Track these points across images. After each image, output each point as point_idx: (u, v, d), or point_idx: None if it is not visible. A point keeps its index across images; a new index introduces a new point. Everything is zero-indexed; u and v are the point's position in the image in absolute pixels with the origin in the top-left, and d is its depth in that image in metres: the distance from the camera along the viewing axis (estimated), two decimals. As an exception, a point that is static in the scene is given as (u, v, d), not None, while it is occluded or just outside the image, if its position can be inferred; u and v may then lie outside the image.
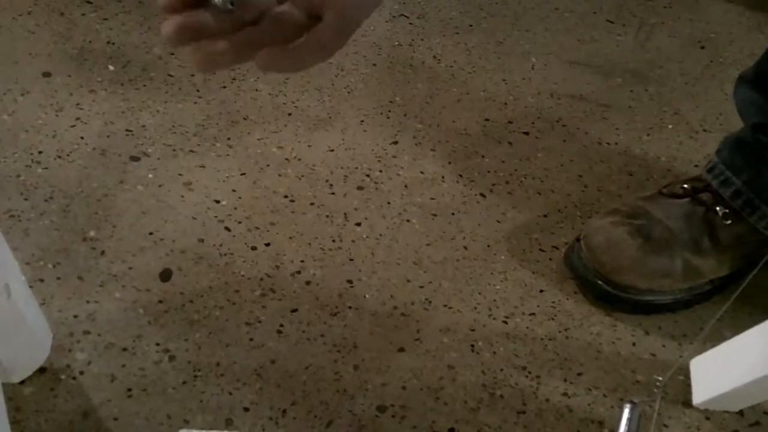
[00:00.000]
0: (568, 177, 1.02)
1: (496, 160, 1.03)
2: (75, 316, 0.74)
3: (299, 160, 0.97)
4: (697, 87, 1.20)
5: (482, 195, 0.97)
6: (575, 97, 1.18)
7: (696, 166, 1.05)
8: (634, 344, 0.81)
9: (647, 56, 1.26)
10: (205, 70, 0.39)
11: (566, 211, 0.97)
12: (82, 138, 0.95)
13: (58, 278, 0.77)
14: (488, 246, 0.90)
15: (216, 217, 0.87)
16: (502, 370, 0.76)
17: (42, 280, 0.77)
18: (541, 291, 0.85)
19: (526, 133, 1.09)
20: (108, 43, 1.12)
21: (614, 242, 0.83)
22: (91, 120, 0.98)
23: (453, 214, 0.93)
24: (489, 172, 1.01)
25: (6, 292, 0.56)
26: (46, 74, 1.04)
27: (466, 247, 0.89)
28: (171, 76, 1.08)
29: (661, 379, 0.76)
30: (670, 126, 1.15)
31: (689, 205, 0.85)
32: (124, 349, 0.72)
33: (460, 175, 0.99)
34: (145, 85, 1.05)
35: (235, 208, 0.89)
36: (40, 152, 0.91)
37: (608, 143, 1.10)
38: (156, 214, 0.86)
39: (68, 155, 0.92)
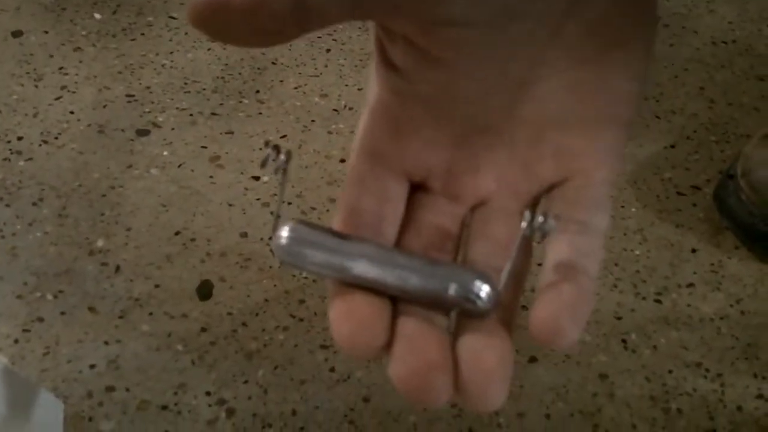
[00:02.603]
0: (688, 91, 0.81)
1: (592, 79, 0.82)
2: (92, 367, 0.55)
3: (350, 109, 0.76)
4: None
5: (586, 128, 0.76)
6: (669, -13, 0.95)
7: None
8: (827, 309, 0.61)
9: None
10: None
11: (696, 137, 0.76)
12: (71, 113, 0.74)
13: (63, 313, 0.58)
14: (612, 197, 0.69)
15: (258, 199, 0.67)
16: (670, 371, 0.56)
17: (42, 320, 0.57)
18: (694, 251, 0.65)
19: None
20: (89, -15, 0.90)
21: (789, 178, 0.62)
22: (81, 87, 0.76)
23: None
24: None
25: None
26: (17, 33, 0.82)
27: (582, 202, 0.68)
28: (173, 18, 0.86)
29: None
30: (791, 10, 0.93)
31: None
32: (165, 408, 0.53)
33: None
34: (143, 34, 0.84)
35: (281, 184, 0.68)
36: (19, 138, 0.71)
37: (724, 42, 0.88)
38: (180, 205, 0.66)
39: (56, 138, 0.71)
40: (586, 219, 0.26)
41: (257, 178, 0.69)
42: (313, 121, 0.75)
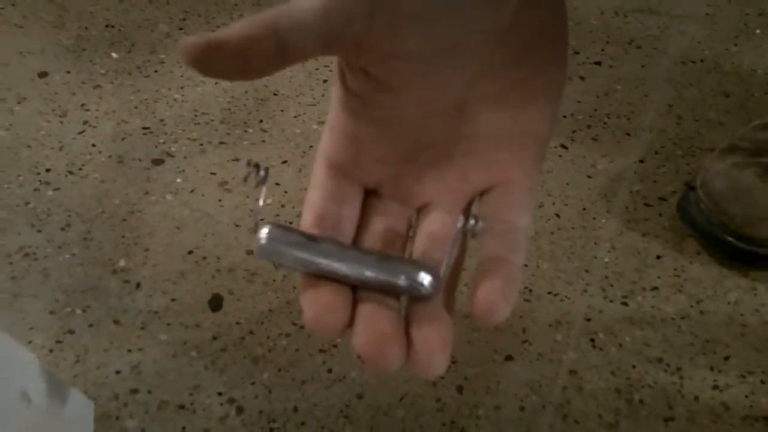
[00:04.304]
0: (657, 109, 0.87)
1: (571, 100, 0.88)
2: (117, 372, 0.62)
3: (346, 135, 0.83)
4: (788, -21, 1.04)
5: (563, 147, 0.82)
6: (644, 11, 1.02)
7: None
8: (780, 308, 0.67)
9: (722, -49, 1.09)
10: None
11: (664, 151, 0.82)
12: (93, 146, 0.81)
13: (90, 326, 0.65)
14: (584, 209, 0.75)
15: (262, 220, 0.74)
16: (634, 366, 0.63)
17: (72, 332, 0.64)
18: (659, 257, 0.71)
19: (598, 63, 0.94)
20: (106, 26, 0.98)
21: (742, 188, 0.69)
22: (101, 122, 0.84)
23: (535, 174, 0.79)
24: (565, 116, 0.86)
25: (26, 401, 0.43)
26: (42, 74, 0.90)
27: (558, 215, 0.75)
28: (183, 55, 0.93)
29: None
30: (758, 30, 0.99)
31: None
32: (182, 407, 0.60)
33: (534, 126, 0.84)
34: (156, 71, 0.91)
35: (283, 206, 0.75)
36: (47, 170, 0.78)
37: (693, 61, 0.94)
38: (192, 227, 0.73)
39: (80, 169, 0.78)
40: (512, 219, 0.32)
41: (262, 201, 0.76)
42: (311, 146, 0.82)
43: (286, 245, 0.29)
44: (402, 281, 0.29)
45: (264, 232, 0.30)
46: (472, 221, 0.29)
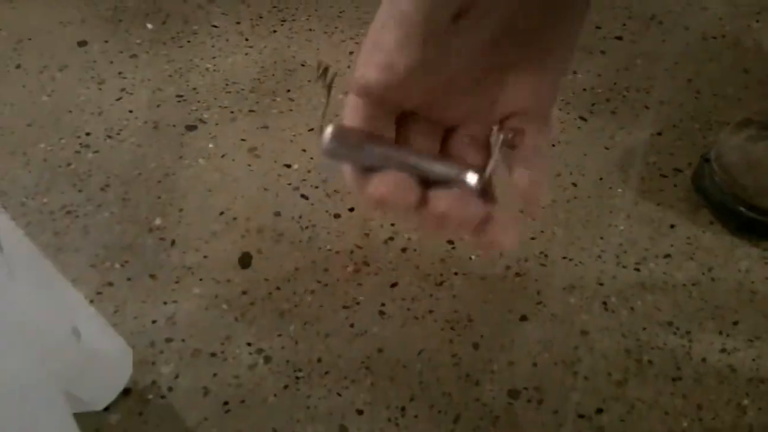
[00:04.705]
0: (676, 84, 0.89)
1: (591, 74, 0.91)
2: (153, 322, 0.65)
3: (372, 105, 0.86)
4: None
5: (582, 118, 0.85)
6: (668, -13, 1.03)
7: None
8: (789, 277, 0.69)
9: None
10: None
11: (682, 125, 0.84)
12: (130, 112, 0.85)
13: (129, 279, 0.69)
14: (600, 179, 0.78)
15: (290, 184, 0.77)
16: (644, 329, 0.65)
17: (111, 284, 0.68)
18: (672, 226, 0.74)
19: (619, 38, 0.96)
20: (142, -3, 1.01)
21: (755, 161, 0.71)
22: (137, 89, 0.88)
23: (553, 146, 0.81)
24: (585, 90, 0.88)
25: (76, 336, 0.47)
26: (82, 43, 0.94)
27: (575, 184, 0.77)
28: (215, 27, 0.97)
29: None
30: (783, 8, 1.00)
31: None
32: (213, 355, 0.63)
33: (555, 99, 0.87)
34: (189, 41, 0.94)
35: (309, 171, 0.78)
36: (87, 134, 0.82)
37: (714, 37, 0.95)
38: (223, 189, 0.77)
39: (118, 134, 0.82)
40: (534, 142, 0.35)
41: (289, 166, 0.79)
42: (337, 115, 0.84)
43: (351, 143, 0.31)
44: (456, 174, 0.32)
45: (329, 131, 0.31)
46: (503, 133, 0.32)
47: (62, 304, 0.48)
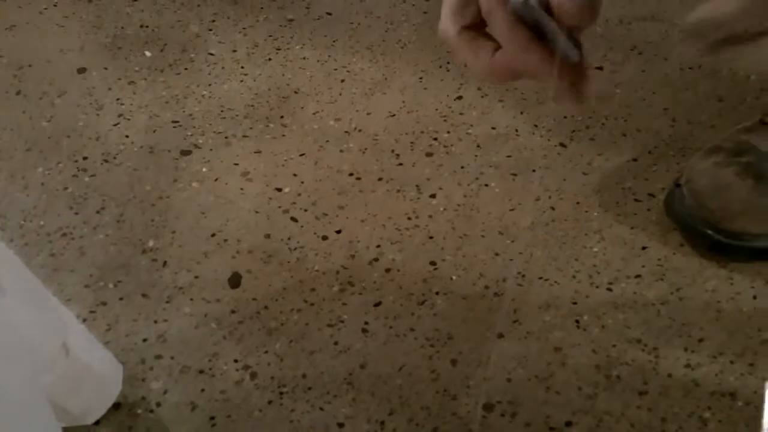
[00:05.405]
0: (653, 111, 0.93)
1: (572, 102, 0.94)
2: (144, 340, 0.69)
3: (360, 131, 0.90)
4: (785, -10, 1.08)
5: (562, 145, 0.88)
6: (646, 19, 1.07)
7: (797, 82, 0.94)
8: (755, 297, 0.72)
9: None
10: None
11: (657, 151, 0.88)
12: (127, 137, 0.88)
13: (121, 299, 0.72)
14: (578, 203, 0.81)
15: (280, 207, 0.81)
16: (614, 345, 0.69)
17: (104, 303, 0.71)
18: (644, 248, 0.77)
19: (600, 68, 0.99)
20: (141, 26, 1.05)
21: (722, 185, 0.74)
22: (134, 115, 0.91)
23: (534, 171, 0.85)
24: (566, 117, 0.92)
25: (65, 351, 0.50)
26: (81, 70, 0.98)
27: (553, 208, 0.81)
28: (212, 54, 1.01)
29: (797, 338, 0.68)
30: (758, 37, 1.04)
31: (799, 133, 0.76)
32: (201, 372, 0.67)
33: (535, 126, 0.90)
34: (186, 69, 0.98)
35: (299, 195, 0.82)
36: (85, 158, 0.85)
37: (690, 67, 0.99)
38: (216, 212, 0.80)
39: (115, 158, 0.86)
40: None
41: (280, 190, 0.82)
42: (327, 141, 0.88)
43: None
44: (563, 45, 0.35)
45: None
46: None
47: (53, 320, 0.51)
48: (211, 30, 1.04)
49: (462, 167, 0.85)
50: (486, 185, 0.83)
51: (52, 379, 0.50)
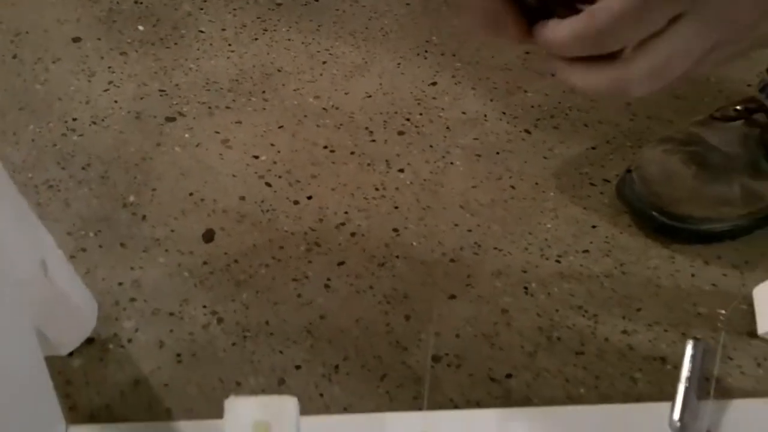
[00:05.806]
0: (615, 107, 0.98)
1: (540, 94, 1.00)
2: (120, 284, 0.73)
3: (337, 108, 0.95)
4: None
5: (527, 131, 0.93)
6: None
7: (749, 86, 0.99)
8: (693, 275, 0.77)
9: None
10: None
11: (615, 142, 0.93)
12: (116, 102, 0.93)
13: (101, 246, 0.77)
14: (536, 184, 0.86)
15: (256, 173, 0.86)
16: (557, 311, 0.74)
17: (84, 250, 0.76)
18: (594, 227, 0.82)
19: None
20: (136, 2, 1.10)
21: (669, 172, 0.79)
22: (124, 83, 0.96)
23: (498, 153, 0.90)
24: (533, 107, 0.97)
25: (43, 269, 0.55)
26: (76, 39, 1.03)
27: (513, 187, 0.86)
28: (202, 32, 1.06)
29: (724, 312, 0.73)
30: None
31: (744, 128, 0.81)
32: (172, 314, 0.71)
33: (503, 113, 0.96)
34: (176, 44, 1.03)
35: (275, 163, 0.87)
36: (74, 120, 0.90)
37: (657, 67, 1.04)
38: (195, 174, 0.85)
39: (103, 121, 0.91)
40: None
41: (257, 157, 0.87)
42: (305, 116, 0.93)
43: None
44: None
45: None
46: None
47: (33, 237, 0.56)
48: (202, 9, 1.09)
49: (431, 146, 0.90)
50: (452, 163, 0.88)
51: (32, 299, 0.55)
